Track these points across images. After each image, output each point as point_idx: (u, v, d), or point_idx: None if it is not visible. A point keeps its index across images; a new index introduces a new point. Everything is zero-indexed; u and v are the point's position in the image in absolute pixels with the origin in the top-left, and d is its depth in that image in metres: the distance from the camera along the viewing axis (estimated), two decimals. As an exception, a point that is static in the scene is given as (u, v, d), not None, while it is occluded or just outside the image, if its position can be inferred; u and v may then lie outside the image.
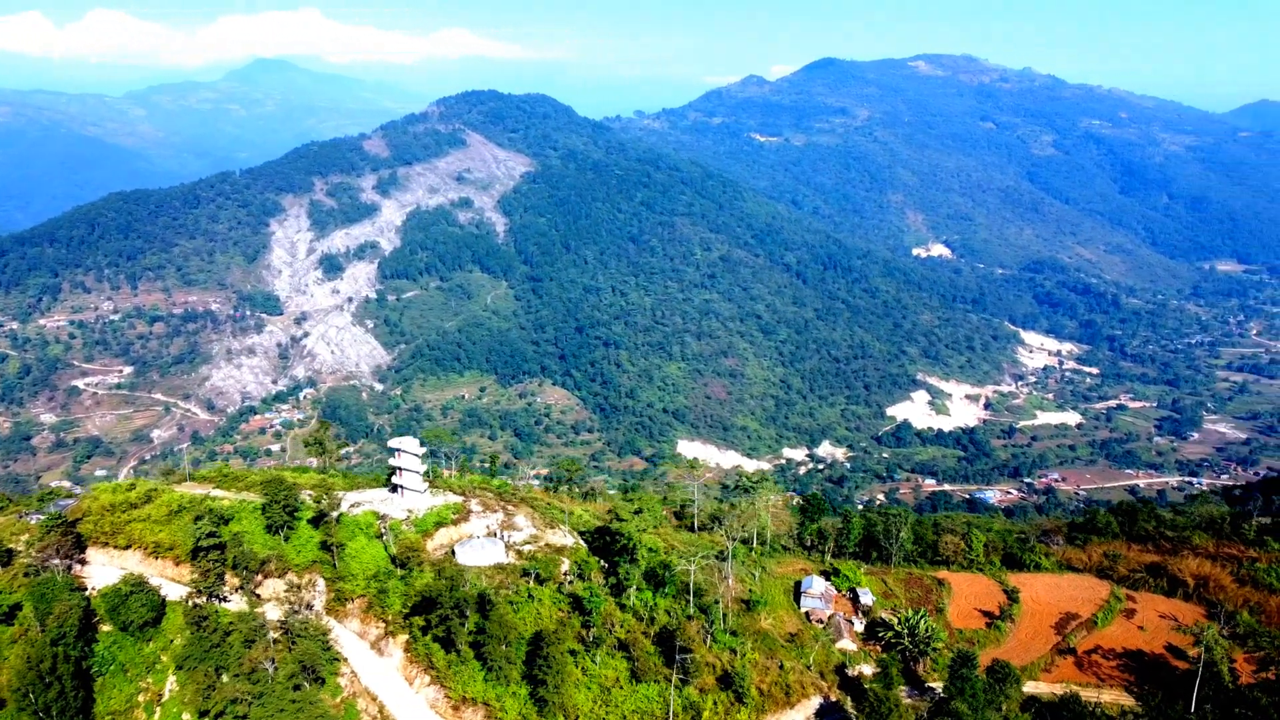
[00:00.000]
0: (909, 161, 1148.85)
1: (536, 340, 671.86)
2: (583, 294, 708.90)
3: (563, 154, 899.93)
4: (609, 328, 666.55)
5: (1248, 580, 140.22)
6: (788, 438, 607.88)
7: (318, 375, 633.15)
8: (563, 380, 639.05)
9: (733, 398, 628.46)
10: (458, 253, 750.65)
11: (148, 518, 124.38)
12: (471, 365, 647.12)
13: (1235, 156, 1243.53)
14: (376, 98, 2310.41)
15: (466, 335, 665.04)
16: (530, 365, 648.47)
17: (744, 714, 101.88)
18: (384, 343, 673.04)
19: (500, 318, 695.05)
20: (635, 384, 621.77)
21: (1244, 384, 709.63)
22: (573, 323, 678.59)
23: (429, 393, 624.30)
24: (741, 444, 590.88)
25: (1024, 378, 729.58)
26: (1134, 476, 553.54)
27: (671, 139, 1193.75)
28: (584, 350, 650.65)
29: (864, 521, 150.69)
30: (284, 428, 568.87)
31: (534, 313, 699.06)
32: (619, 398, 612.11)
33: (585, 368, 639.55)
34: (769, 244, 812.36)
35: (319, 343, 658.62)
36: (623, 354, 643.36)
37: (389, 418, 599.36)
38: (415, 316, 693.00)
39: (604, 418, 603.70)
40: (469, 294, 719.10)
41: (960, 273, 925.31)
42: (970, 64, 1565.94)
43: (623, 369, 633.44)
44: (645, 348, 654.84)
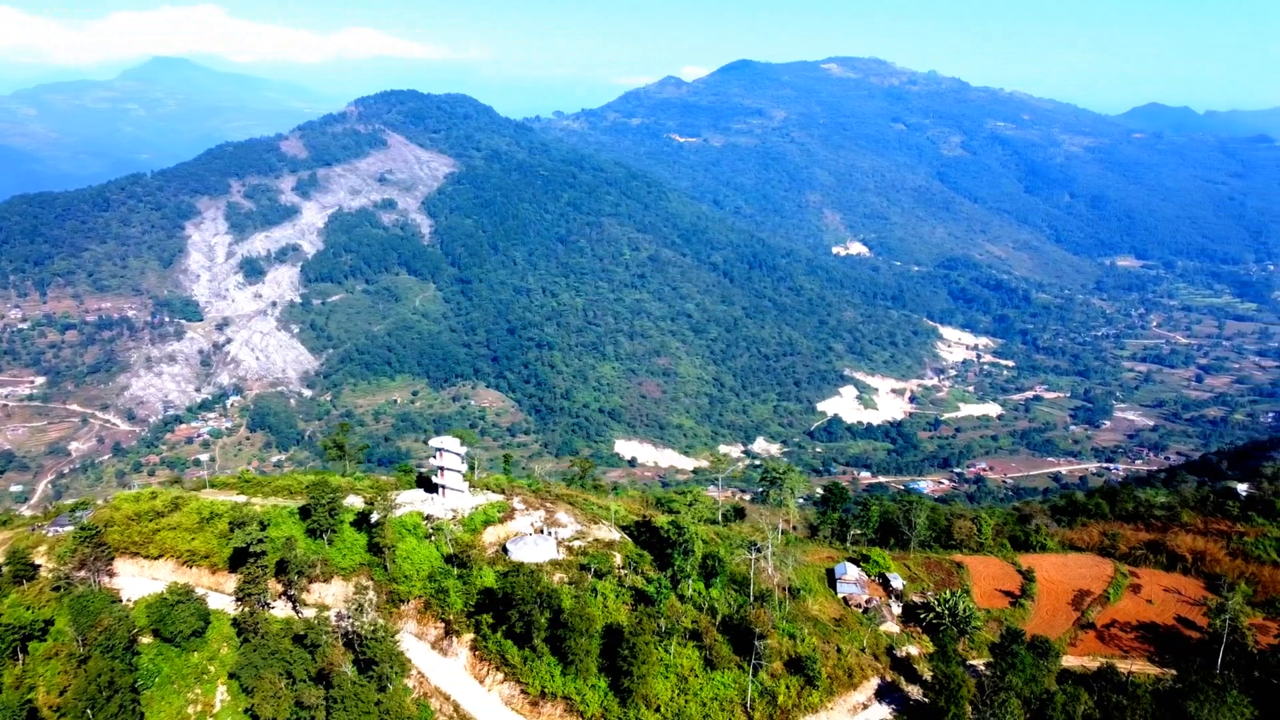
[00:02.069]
0: (825, 162, 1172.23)
1: (468, 343, 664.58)
2: (513, 295, 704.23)
3: (486, 155, 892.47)
4: (541, 329, 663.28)
5: (1239, 553, 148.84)
6: (723, 435, 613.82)
7: (243, 382, 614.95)
8: (496, 382, 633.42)
9: (667, 396, 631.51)
10: (383, 255, 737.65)
11: (178, 526, 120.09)
12: (403, 369, 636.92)
13: (1130, 157, 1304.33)
14: (283, 98, 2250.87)
15: (396, 339, 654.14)
16: (463, 368, 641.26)
17: (816, 696, 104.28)
18: (311, 348, 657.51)
19: (430, 320, 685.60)
20: (570, 385, 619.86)
21: (1148, 374, 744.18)
22: (504, 324, 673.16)
23: (360, 398, 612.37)
24: (678, 442, 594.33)
25: (945, 371, 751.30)
26: (1056, 464, 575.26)
27: (592, 140, 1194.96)
28: (517, 352, 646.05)
29: (881, 509, 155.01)
30: (212, 436, 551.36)
31: (464, 315, 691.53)
32: (554, 399, 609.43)
33: (519, 369, 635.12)
34: (695, 244, 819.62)
35: (243, 349, 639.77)
36: (556, 355, 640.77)
37: (320, 424, 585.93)
38: (342, 320, 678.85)
39: (540, 419, 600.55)
40: (397, 297, 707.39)
41: (879, 270, 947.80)
42: (880, 66, 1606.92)
43: (557, 370, 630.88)
44: (579, 348, 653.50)
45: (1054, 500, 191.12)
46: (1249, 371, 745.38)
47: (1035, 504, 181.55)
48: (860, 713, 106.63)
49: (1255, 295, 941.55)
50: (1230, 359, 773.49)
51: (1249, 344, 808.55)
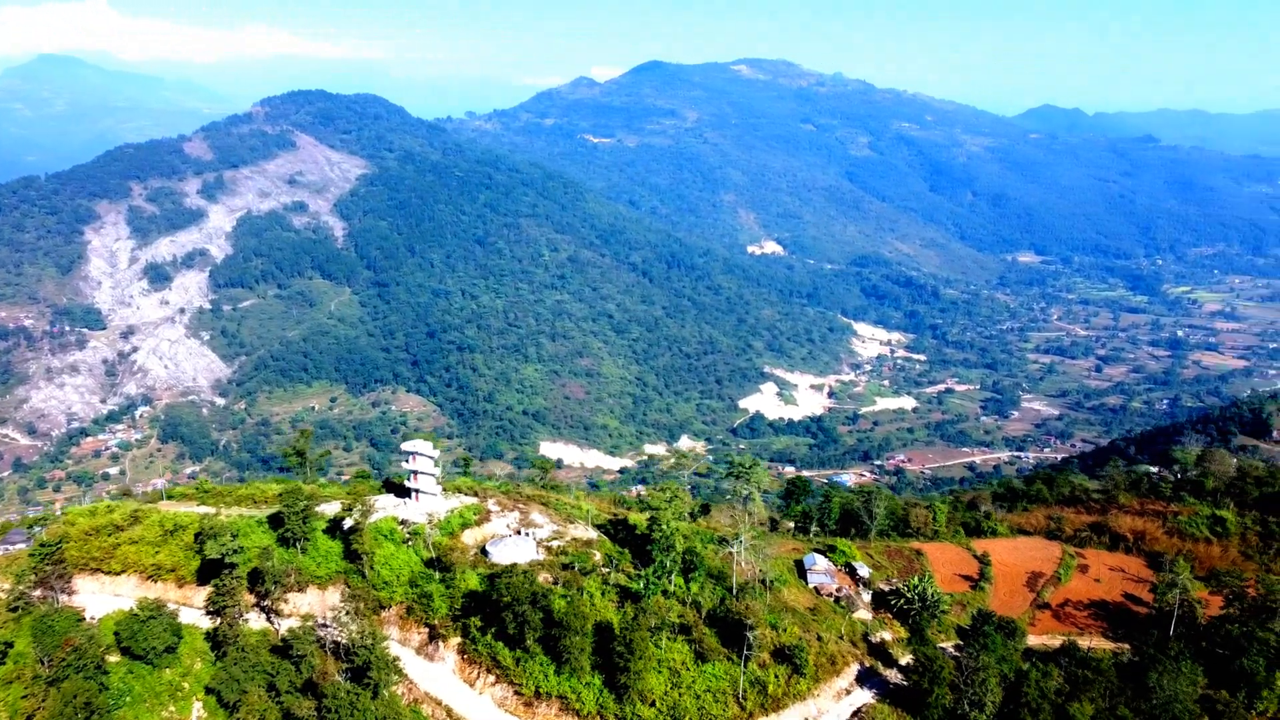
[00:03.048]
0: (739, 162, 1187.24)
1: (387, 347, 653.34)
2: (432, 298, 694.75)
3: (400, 156, 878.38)
4: (462, 332, 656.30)
5: (1175, 532, 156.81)
6: (647, 434, 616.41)
7: (152, 392, 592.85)
8: (417, 387, 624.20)
9: (591, 397, 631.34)
10: (296, 259, 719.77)
11: (140, 540, 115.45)
12: (320, 375, 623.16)
13: (1027, 157, 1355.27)
14: (180, 97, 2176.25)
15: (312, 344, 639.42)
16: (382, 373, 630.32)
17: (804, 684, 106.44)
18: (222, 355, 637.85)
19: (347, 325, 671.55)
20: (493, 387, 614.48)
21: (1051, 365, 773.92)
22: (423, 328, 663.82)
23: (276, 405, 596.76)
24: (603, 442, 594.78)
25: (861, 367, 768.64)
26: (970, 454, 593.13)
27: (506, 140, 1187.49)
28: (437, 355, 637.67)
29: (842, 500, 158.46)
30: (121, 449, 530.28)
31: (382, 319, 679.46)
32: (477, 402, 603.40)
33: (440, 373, 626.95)
34: (614, 244, 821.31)
35: (150, 357, 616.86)
36: (478, 358, 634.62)
37: (234, 433, 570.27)
38: (255, 326, 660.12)
39: (463, 423, 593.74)
40: (311, 301, 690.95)
41: (793, 269, 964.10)
42: (789, 68, 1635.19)
43: (479, 373, 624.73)
44: (500, 351, 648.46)
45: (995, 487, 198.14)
46: (1143, 361, 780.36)
47: (983, 492, 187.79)
48: (844, 698, 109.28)
49: (1146, 289, 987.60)
50: (1126, 349, 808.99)
51: (1142, 335, 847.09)
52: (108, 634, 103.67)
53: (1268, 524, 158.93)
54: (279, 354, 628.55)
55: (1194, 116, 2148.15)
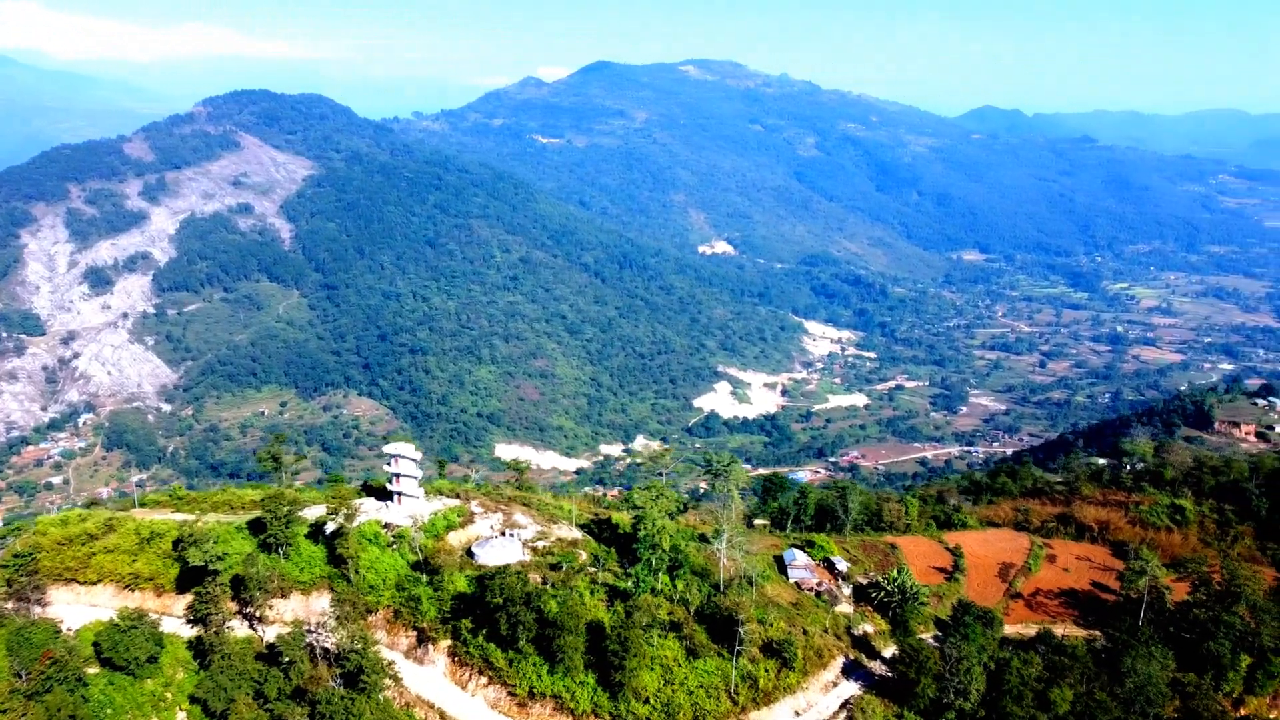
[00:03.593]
0: (688, 162, 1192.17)
1: (337, 350, 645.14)
2: (382, 300, 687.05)
3: (347, 156, 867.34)
4: (414, 334, 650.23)
5: (1137, 521, 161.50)
6: (603, 435, 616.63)
7: (95, 399, 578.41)
8: (369, 390, 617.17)
9: (546, 398, 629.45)
10: (242, 261, 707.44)
11: (116, 548, 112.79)
12: (269, 379, 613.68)
13: (970, 157, 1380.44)
14: (117, 97, 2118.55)
15: (261, 348, 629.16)
16: (333, 376, 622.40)
17: (793, 677, 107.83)
18: (168, 360, 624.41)
19: (296, 328, 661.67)
20: (446, 390, 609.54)
21: (997, 361, 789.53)
22: (374, 330, 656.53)
23: (224, 411, 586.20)
24: (559, 444, 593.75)
25: (812, 365, 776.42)
26: (922, 449, 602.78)
27: (454, 141, 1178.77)
28: (389, 358, 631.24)
29: (818, 496, 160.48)
30: (64, 458, 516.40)
31: (332, 321, 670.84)
32: (430, 405, 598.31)
33: (392, 376, 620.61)
34: (566, 244, 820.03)
35: (92, 363, 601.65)
36: (430, 360, 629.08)
37: (182, 440, 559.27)
38: (201, 331, 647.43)
39: (417, 426, 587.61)
40: (259, 305, 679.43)
41: (744, 268, 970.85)
42: (736, 69, 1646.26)
43: (432, 375, 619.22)
44: (453, 353, 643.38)
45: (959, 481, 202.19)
46: (1085, 356, 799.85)
47: (951, 485, 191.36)
48: (831, 690, 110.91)
49: (1087, 285, 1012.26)
50: (1068, 345, 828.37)
51: (1084, 330, 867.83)
52: (86, 645, 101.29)
53: (1224, 512, 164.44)
54: (226, 358, 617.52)
55: (1128, 118, 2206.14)
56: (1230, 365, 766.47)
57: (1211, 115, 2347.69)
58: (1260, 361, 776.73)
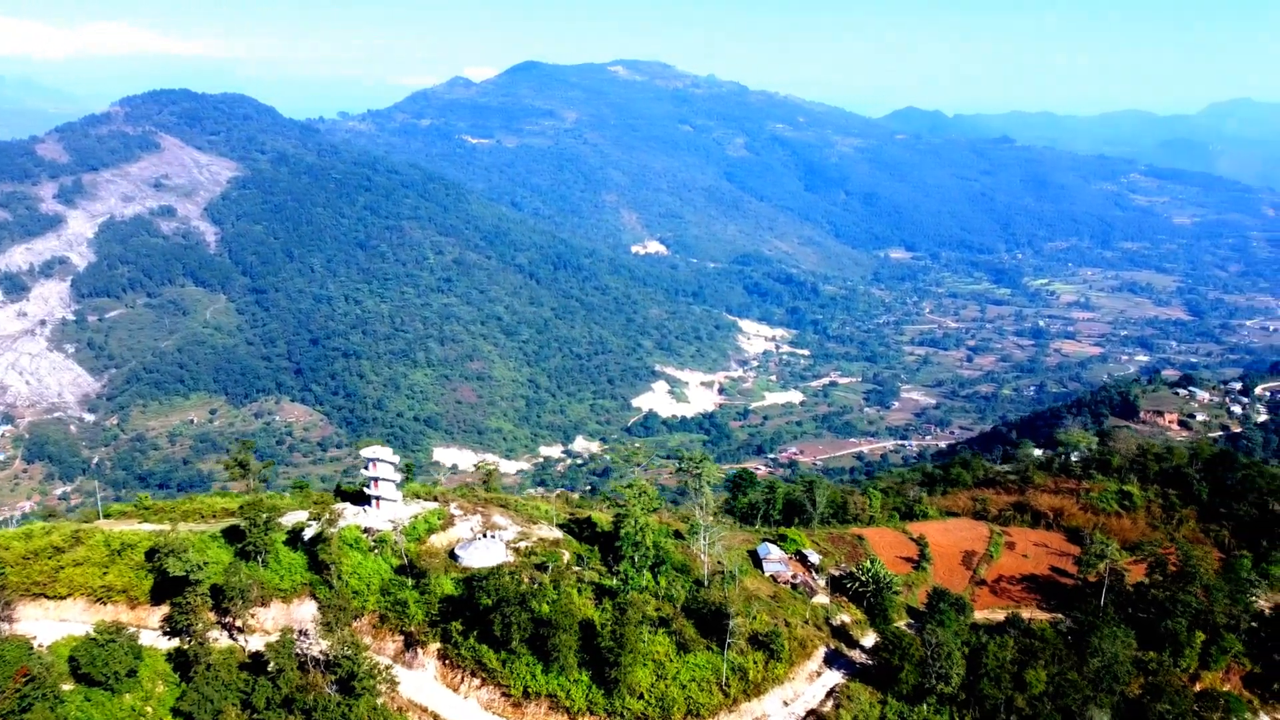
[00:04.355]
0: (619, 163, 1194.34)
1: (268, 355, 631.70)
2: (313, 304, 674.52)
3: (273, 157, 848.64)
4: (346, 338, 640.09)
5: (1088, 508, 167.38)
6: (542, 436, 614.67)
7: (13, 410, 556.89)
8: (302, 396, 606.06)
9: (484, 401, 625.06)
10: (166, 266, 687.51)
11: (86, 561, 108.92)
12: (198, 387, 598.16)
13: (894, 157, 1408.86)
14: (22, 96, 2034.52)
15: (188, 355, 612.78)
16: (264, 382, 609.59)
17: (780, 668, 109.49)
18: (90, 368, 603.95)
19: (224, 334, 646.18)
20: (382, 394, 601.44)
21: (926, 357, 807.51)
22: (306, 335, 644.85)
23: (151, 419, 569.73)
24: (498, 446, 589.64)
25: (748, 363, 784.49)
26: (858, 444, 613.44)
27: (382, 141, 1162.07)
28: (322, 363, 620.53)
29: (786, 490, 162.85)
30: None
31: (261, 326, 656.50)
32: (366, 409, 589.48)
33: (325, 381, 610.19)
34: (499, 246, 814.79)
35: (9, 373, 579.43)
36: (365, 364, 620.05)
37: (108, 450, 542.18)
38: (124, 337, 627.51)
39: (352, 431, 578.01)
40: (185, 310, 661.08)
41: (677, 268, 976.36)
42: (664, 70, 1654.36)
43: (366, 379, 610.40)
44: (388, 356, 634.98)
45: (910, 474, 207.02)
46: (1010, 350, 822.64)
47: (911, 477, 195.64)
48: (816, 679, 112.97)
49: (1009, 281, 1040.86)
50: (994, 340, 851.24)
51: (1008, 325, 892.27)
52: (59, 661, 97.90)
53: (1168, 496, 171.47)
54: (152, 366, 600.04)
55: (1044, 118, 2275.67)
56: (1146, 357, 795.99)
57: (1121, 116, 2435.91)
58: (1173, 353, 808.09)
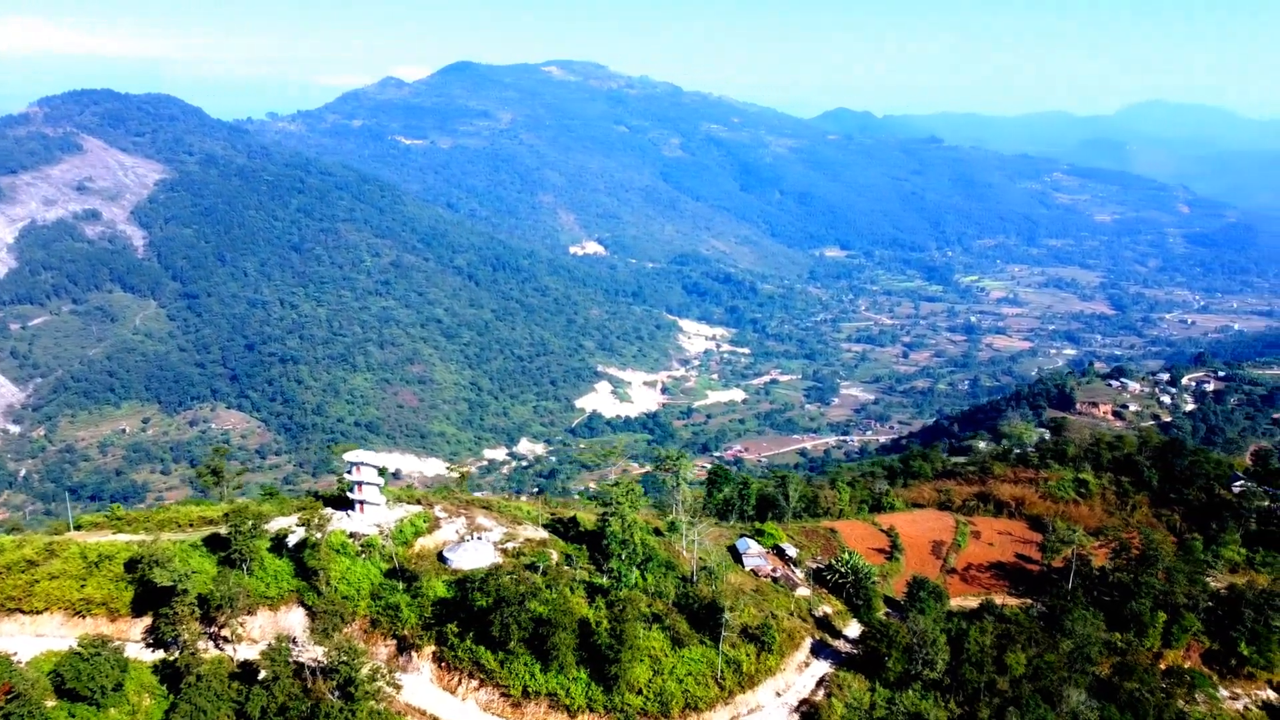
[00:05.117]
0: (556, 163, 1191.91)
1: (202, 362, 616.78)
2: (248, 309, 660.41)
3: (201, 159, 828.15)
4: (283, 343, 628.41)
5: (1047, 496, 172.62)
6: (486, 439, 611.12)
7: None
8: (239, 402, 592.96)
9: (425, 404, 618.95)
10: (92, 271, 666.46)
11: (62, 574, 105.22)
12: (129, 395, 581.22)
13: (827, 157, 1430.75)
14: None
15: (118, 362, 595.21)
16: (199, 389, 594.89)
17: (772, 660, 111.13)
18: (14, 378, 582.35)
19: (155, 340, 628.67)
20: (321, 399, 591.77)
21: (863, 353, 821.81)
22: (241, 340, 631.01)
23: (81, 429, 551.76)
24: (441, 450, 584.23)
25: (689, 362, 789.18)
26: (801, 440, 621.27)
27: (313, 142, 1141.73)
28: (258, 369, 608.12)
29: (759, 485, 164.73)
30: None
31: (194, 332, 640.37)
32: (305, 415, 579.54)
33: (262, 387, 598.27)
34: (437, 247, 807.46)
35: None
36: (302, 369, 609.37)
37: (35, 462, 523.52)
38: (49, 346, 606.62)
39: (291, 438, 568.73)
40: (113, 317, 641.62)
41: (616, 268, 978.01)
42: (598, 70, 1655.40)
43: (305, 385, 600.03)
44: (326, 361, 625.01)
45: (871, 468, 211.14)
46: (944, 346, 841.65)
47: (877, 470, 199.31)
48: (805, 670, 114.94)
49: (940, 279, 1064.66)
50: (928, 336, 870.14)
51: (940, 322, 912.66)
52: (41, 677, 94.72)
53: (1121, 484, 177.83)
54: (80, 374, 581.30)
55: (970, 119, 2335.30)
56: (1073, 350, 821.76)
57: (1043, 117, 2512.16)
58: (1099, 346, 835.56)
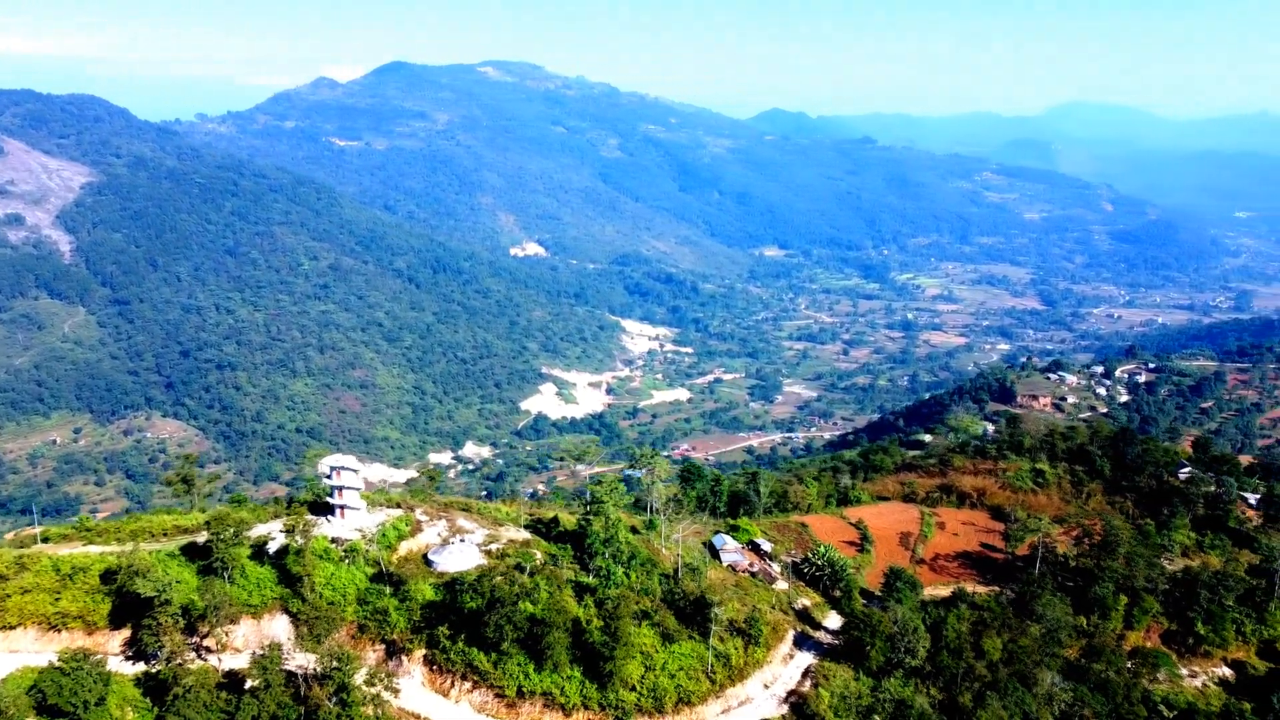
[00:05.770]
0: (494, 164, 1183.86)
1: (135, 370, 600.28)
2: (182, 314, 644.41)
3: (130, 162, 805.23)
4: (220, 349, 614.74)
5: (1006, 486, 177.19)
6: (431, 443, 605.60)
7: None
8: (175, 411, 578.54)
9: (368, 409, 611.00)
10: (16, 278, 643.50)
11: (34, 588, 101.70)
12: (58, 405, 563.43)
13: (765, 157, 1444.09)
14: None
15: (46, 371, 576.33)
16: (132, 398, 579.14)
17: (760, 653, 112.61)
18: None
19: (85, 348, 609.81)
20: (261, 406, 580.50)
21: (805, 351, 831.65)
22: (176, 347, 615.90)
23: (9, 441, 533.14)
24: (385, 455, 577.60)
25: (634, 362, 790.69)
26: (747, 438, 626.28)
27: (244, 144, 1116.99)
28: (195, 376, 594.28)
29: (730, 482, 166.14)
30: None
31: (127, 339, 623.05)
32: (244, 423, 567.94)
33: (199, 394, 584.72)
34: (376, 250, 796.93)
35: None
36: (241, 375, 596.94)
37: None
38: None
39: (230, 446, 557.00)
40: (40, 324, 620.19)
41: (557, 269, 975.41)
42: (534, 71, 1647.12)
43: (243, 391, 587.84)
44: (265, 366, 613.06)
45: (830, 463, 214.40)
46: (882, 343, 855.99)
47: (840, 465, 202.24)
48: (790, 661, 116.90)
49: (877, 276, 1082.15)
50: (867, 333, 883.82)
51: (879, 319, 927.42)
52: (22, 694, 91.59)
53: (1076, 473, 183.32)
54: (6, 384, 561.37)
55: (901, 119, 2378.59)
56: (1007, 345, 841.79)
57: (971, 118, 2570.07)
58: (1031, 341, 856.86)
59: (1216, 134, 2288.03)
